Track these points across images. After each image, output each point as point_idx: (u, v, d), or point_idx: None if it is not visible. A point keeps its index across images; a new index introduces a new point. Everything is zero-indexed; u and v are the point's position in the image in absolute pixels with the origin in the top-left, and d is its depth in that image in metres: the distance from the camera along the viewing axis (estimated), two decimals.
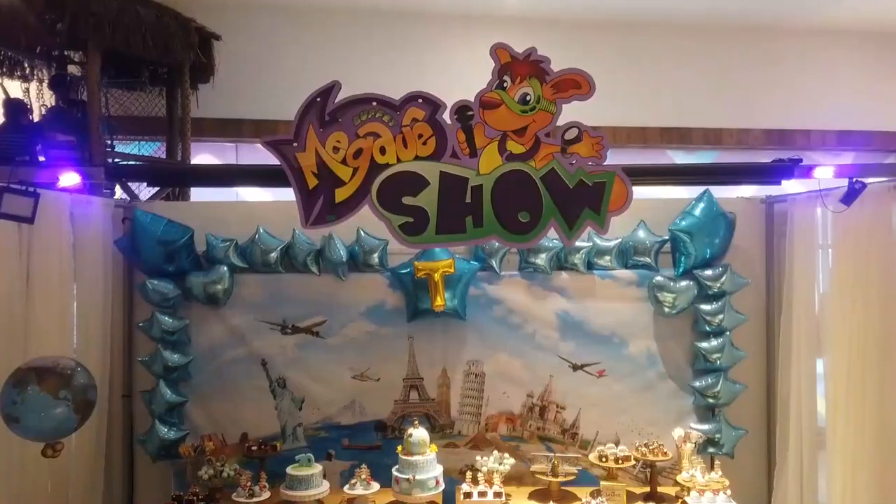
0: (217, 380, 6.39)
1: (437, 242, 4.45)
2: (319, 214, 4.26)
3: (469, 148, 4.26)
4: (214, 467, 5.51)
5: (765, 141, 10.59)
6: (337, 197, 4.26)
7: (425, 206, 4.24)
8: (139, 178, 6.20)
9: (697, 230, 6.13)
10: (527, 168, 4.26)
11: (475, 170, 4.28)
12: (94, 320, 5.92)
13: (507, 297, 6.39)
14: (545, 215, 4.29)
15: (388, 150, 4.25)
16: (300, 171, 4.26)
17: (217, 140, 9.76)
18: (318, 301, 6.38)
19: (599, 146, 4.31)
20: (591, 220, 4.39)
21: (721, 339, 6.18)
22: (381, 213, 4.32)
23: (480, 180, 4.26)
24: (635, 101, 9.83)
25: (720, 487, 5.28)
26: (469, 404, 6.45)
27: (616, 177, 4.34)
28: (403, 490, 5.48)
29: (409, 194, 4.26)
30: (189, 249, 6.25)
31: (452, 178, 4.29)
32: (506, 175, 4.28)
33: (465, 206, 4.21)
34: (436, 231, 4.25)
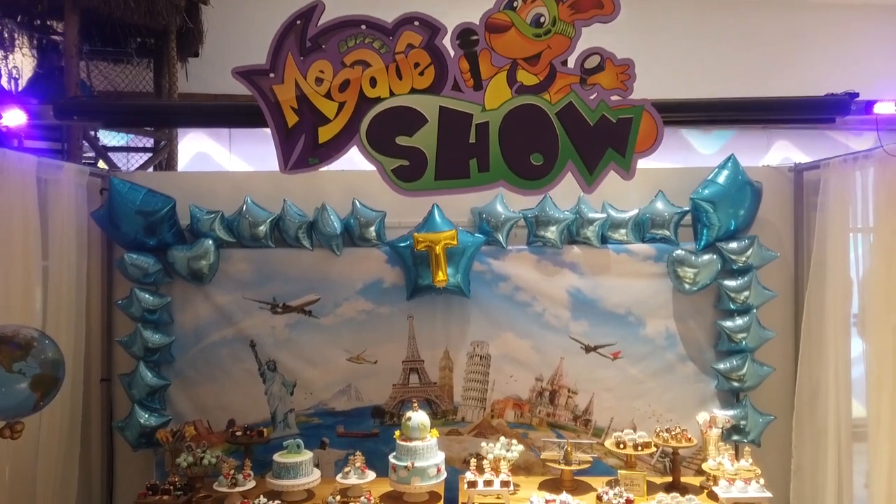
0: (202, 362, 5.94)
1: (436, 189, 3.93)
2: (300, 157, 3.75)
3: (473, 79, 3.69)
4: (194, 454, 5.05)
5: None
6: (320, 136, 3.73)
7: (423, 148, 3.71)
8: (92, 115, 5.59)
9: (721, 199, 5.64)
10: (540, 102, 3.70)
11: (480, 104, 3.72)
12: (66, 298, 5.46)
13: (515, 273, 5.93)
14: (561, 157, 3.77)
15: (380, 81, 3.69)
16: (277, 106, 3.75)
17: None
18: (310, 278, 5.93)
19: (625, 76, 3.79)
20: (614, 164, 3.88)
21: (747, 318, 5.70)
22: (371, 155, 3.80)
23: (486, 117, 3.71)
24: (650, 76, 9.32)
25: (752, 476, 4.79)
26: (473, 389, 5.98)
27: (644, 112, 3.82)
28: (401, 479, 5.01)
29: (403, 133, 3.71)
30: (171, 221, 5.79)
31: (454, 114, 3.75)
32: (516, 110, 3.72)
33: (468, 148, 3.68)
34: (434, 176, 3.74)
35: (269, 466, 5.26)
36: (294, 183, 6.05)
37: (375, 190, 5.91)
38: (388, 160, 3.79)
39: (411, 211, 5.82)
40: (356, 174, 6.52)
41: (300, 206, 5.90)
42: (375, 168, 3.81)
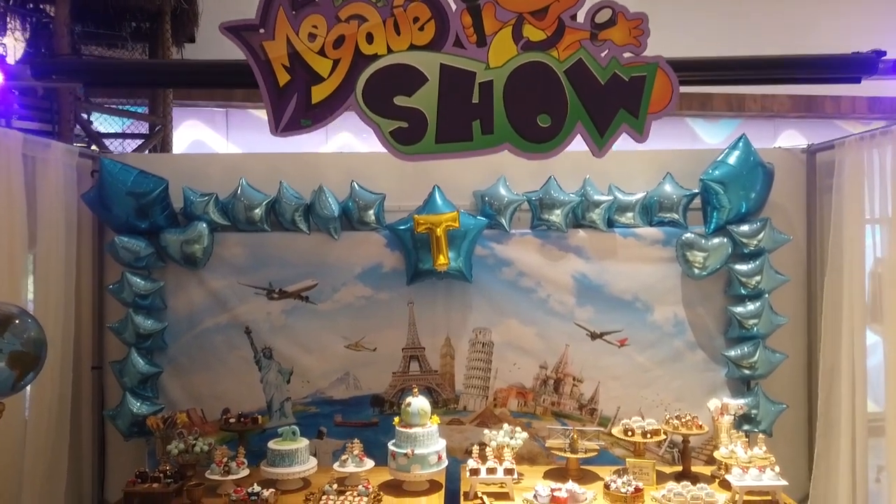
0: (196, 349, 5.76)
1: (437, 153, 3.72)
2: (292, 119, 3.55)
3: (476, 35, 3.46)
4: (186, 442, 4.85)
5: (791, 107, 9.97)
6: (313, 96, 3.53)
7: (423, 108, 3.50)
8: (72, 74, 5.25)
9: (732, 180, 5.46)
10: (548, 60, 3.49)
11: (484, 62, 3.50)
12: (55, 282, 5.28)
13: (518, 258, 5.74)
14: (570, 118, 3.57)
15: (377, 37, 3.45)
16: (268, 64, 3.54)
17: (205, 104, 9.20)
18: (307, 262, 5.75)
19: (638, 31, 3.57)
20: (626, 125, 3.67)
21: (758, 303, 5.51)
22: (367, 116, 3.60)
23: (490, 75, 3.50)
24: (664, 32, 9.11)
25: (766, 464, 4.60)
26: (476, 377, 5.80)
27: (658, 70, 3.62)
28: (400, 466, 4.82)
29: (402, 93, 3.50)
30: (164, 203, 5.61)
31: (456, 72, 3.53)
32: (522, 68, 3.50)
33: (471, 108, 3.47)
34: (435, 139, 3.54)
35: (264, 456, 5.08)
36: (291, 165, 5.92)
37: (375, 172, 5.82)
38: (386, 122, 3.59)
39: (411, 194, 5.66)
40: (355, 156, 6.39)
41: (297, 188, 5.73)
42: (372, 130, 3.61)
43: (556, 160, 5.75)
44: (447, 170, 5.77)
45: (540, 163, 5.75)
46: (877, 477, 5.24)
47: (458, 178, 5.77)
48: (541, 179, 5.67)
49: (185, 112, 9.05)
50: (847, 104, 9.93)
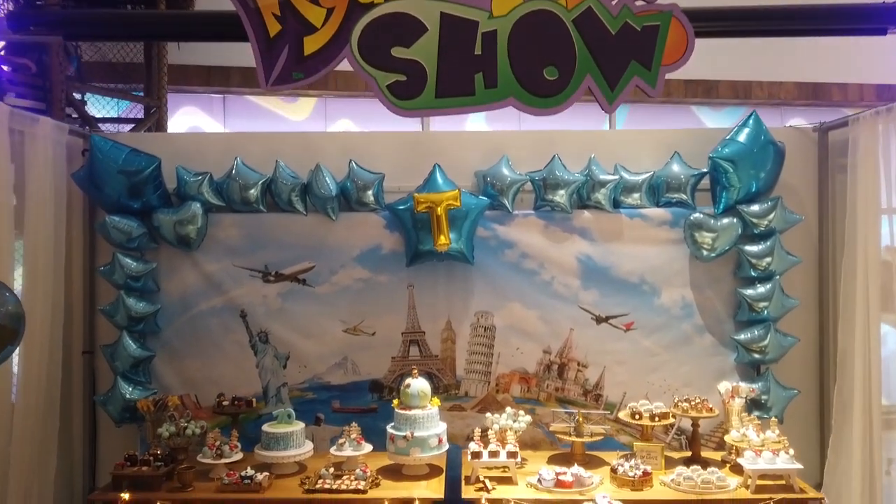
0: (189, 333, 5.61)
1: (437, 108, 3.55)
2: (283, 71, 3.39)
3: None
4: (177, 424, 4.68)
5: (797, 94, 9.77)
6: (305, 48, 3.36)
7: (422, 60, 3.33)
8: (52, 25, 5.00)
9: (742, 159, 5.29)
10: (555, 8, 3.31)
11: (487, 11, 3.33)
12: (44, 264, 5.12)
13: (521, 239, 5.58)
14: (579, 71, 3.39)
15: None
16: (258, 13, 3.36)
17: (202, 91, 9.02)
18: (304, 244, 5.59)
19: None
20: (638, 78, 3.50)
21: (769, 285, 5.34)
22: (363, 68, 3.43)
23: (494, 24, 3.32)
24: None
25: (780, 447, 4.43)
26: (477, 362, 5.64)
27: (672, 19, 3.45)
28: (399, 450, 4.65)
29: (400, 44, 3.33)
30: (156, 182, 5.45)
31: (457, 21, 3.35)
32: (527, 17, 3.32)
33: (473, 60, 3.31)
34: (435, 93, 3.37)
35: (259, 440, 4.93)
36: (287, 145, 5.77)
37: (373, 152, 5.66)
38: (383, 75, 3.42)
39: (411, 174, 5.50)
40: (353, 135, 6.24)
41: (294, 168, 5.57)
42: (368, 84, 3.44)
43: (560, 139, 5.69)
44: (447, 149, 5.65)
45: (543, 142, 5.66)
46: (887, 469, 5.08)
47: (459, 157, 5.62)
48: (544, 159, 5.51)
49: (181, 98, 8.87)
50: (854, 91, 9.74)
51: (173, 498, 4.35)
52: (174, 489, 4.47)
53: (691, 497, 4.32)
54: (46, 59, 6.10)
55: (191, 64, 8.47)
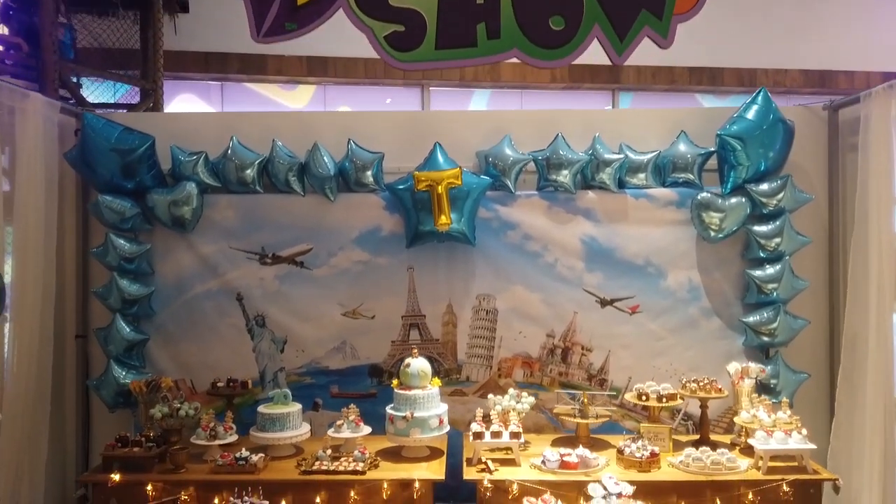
0: (185, 317, 5.48)
1: (437, 60, 3.40)
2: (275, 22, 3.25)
3: None
4: (170, 406, 4.54)
5: (803, 82, 9.64)
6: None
7: (421, 10, 3.17)
8: None
9: (751, 136, 5.16)
10: None
11: None
12: (34, 245, 4.99)
13: (524, 221, 5.45)
14: (586, 21, 3.25)
15: None
16: None
17: (200, 78, 8.91)
18: (302, 226, 5.47)
19: None
20: (649, 28, 3.36)
21: (779, 266, 5.21)
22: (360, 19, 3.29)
23: None
24: None
25: (792, 427, 4.29)
26: (479, 346, 5.50)
27: None
28: (399, 430, 4.51)
29: None
30: (150, 162, 5.32)
31: None
32: None
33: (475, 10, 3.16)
34: (435, 45, 3.23)
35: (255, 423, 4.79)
36: (284, 124, 5.67)
37: (372, 132, 5.54)
38: (380, 25, 3.28)
39: (411, 154, 5.37)
40: (351, 115, 6.11)
41: (291, 149, 5.44)
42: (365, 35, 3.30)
43: (563, 119, 5.56)
44: (448, 129, 5.52)
45: (546, 121, 5.53)
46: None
47: (460, 137, 5.49)
48: (547, 139, 5.38)
49: (178, 86, 8.77)
50: (861, 79, 9.60)
51: (165, 479, 4.21)
52: (166, 471, 4.34)
53: (700, 478, 4.18)
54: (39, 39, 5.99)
55: (188, 50, 8.36)
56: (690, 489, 4.16)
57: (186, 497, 4.07)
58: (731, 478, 4.16)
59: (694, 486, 4.16)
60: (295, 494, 4.17)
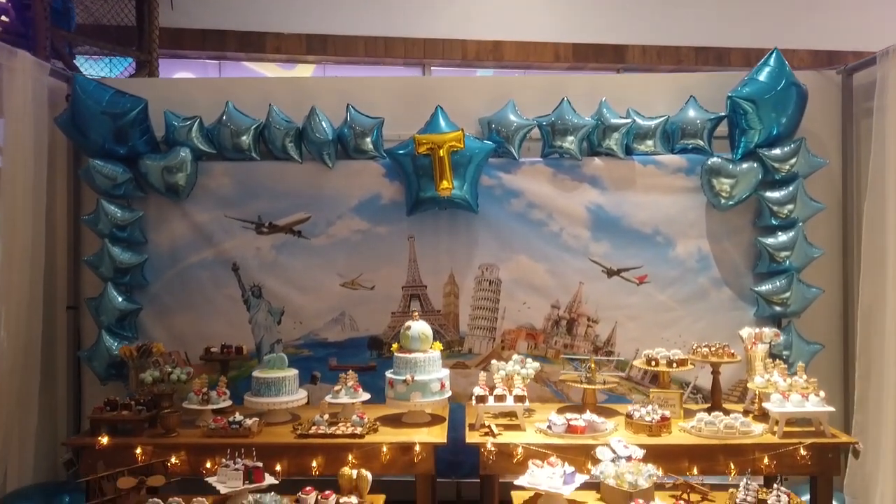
0: (179, 287, 5.33)
1: None
2: None
3: None
4: (162, 370, 4.38)
5: (812, 62, 9.46)
6: None
7: None
8: None
9: (763, 98, 4.99)
10: None
11: None
12: (23, 213, 4.84)
13: (528, 188, 5.28)
14: None
15: None
16: None
17: (196, 56, 8.75)
18: (299, 194, 5.31)
19: None
20: None
21: (792, 233, 5.05)
22: None
23: None
24: (668, 17, 8.76)
25: (809, 390, 4.11)
26: (482, 317, 5.34)
27: None
28: (399, 395, 4.34)
29: None
30: (143, 126, 5.17)
31: None
32: None
33: None
34: None
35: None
36: (281, 90, 5.54)
37: (372, 98, 5.39)
38: None
39: (411, 121, 5.21)
40: (350, 80, 5.94)
41: (288, 115, 5.27)
42: None
43: (569, 84, 5.41)
44: (450, 95, 5.37)
45: (552, 87, 5.38)
46: None
47: (462, 104, 5.33)
48: (552, 105, 5.22)
49: (174, 64, 8.62)
50: None
51: (155, 443, 4.04)
52: (157, 435, 4.17)
53: (713, 442, 4.01)
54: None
55: (185, 27, 8.21)
56: (703, 453, 3.98)
57: (177, 461, 3.90)
58: (746, 441, 3.99)
59: (706, 450, 3.99)
60: (290, 459, 4.00)
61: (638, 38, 8.84)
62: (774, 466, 3.82)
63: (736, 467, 3.81)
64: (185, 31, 8.26)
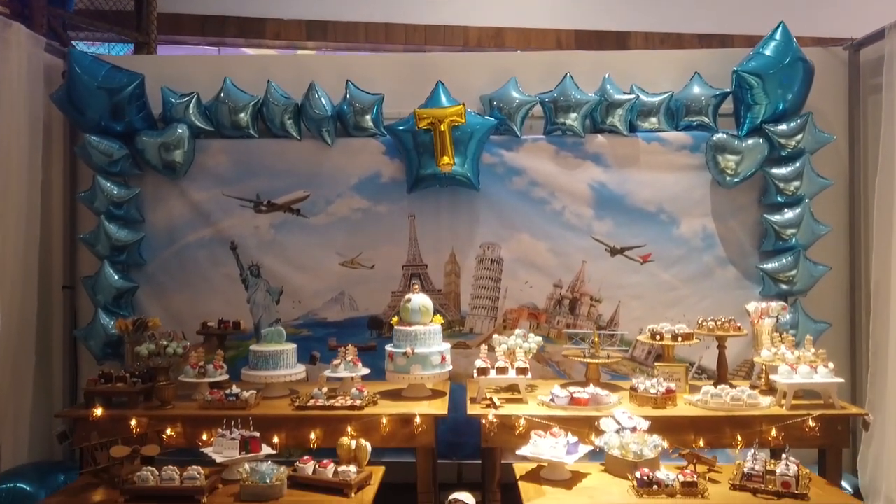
0: (176, 266, 5.26)
1: None
2: None
3: None
4: (157, 344, 4.29)
5: None
6: None
7: None
8: None
9: (769, 73, 4.91)
10: None
11: None
12: (16, 190, 4.78)
13: (530, 166, 5.21)
14: None
15: None
16: None
17: (196, 42, 8.68)
18: (298, 171, 5.23)
19: None
20: None
21: (798, 210, 4.97)
22: None
23: None
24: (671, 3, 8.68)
25: (818, 362, 4.02)
26: (483, 297, 5.27)
27: None
28: (399, 367, 4.26)
29: None
30: (140, 102, 5.11)
31: None
32: None
33: None
34: None
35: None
36: (280, 67, 5.47)
37: (371, 75, 5.32)
38: None
39: (412, 98, 5.12)
40: (349, 58, 5.87)
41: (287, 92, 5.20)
42: None
43: (572, 60, 5.33)
44: (450, 72, 5.29)
45: (554, 63, 5.30)
46: None
47: (463, 81, 5.25)
48: (554, 83, 5.15)
49: (173, 51, 8.52)
50: None
51: (150, 414, 3.96)
52: (152, 408, 4.09)
53: (720, 414, 3.92)
54: None
55: (183, 13, 8.14)
56: (708, 425, 3.90)
57: (173, 433, 3.82)
58: (753, 413, 3.90)
59: (712, 422, 3.90)
60: (289, 431, 3.92)
61: (640, 24, 8.75)
62: (782, 439, 3.73)
63: (743, 440, 3.71)
64: (185, 17, 8.18)
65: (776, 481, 3.30)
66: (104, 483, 3.50)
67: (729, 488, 3.42)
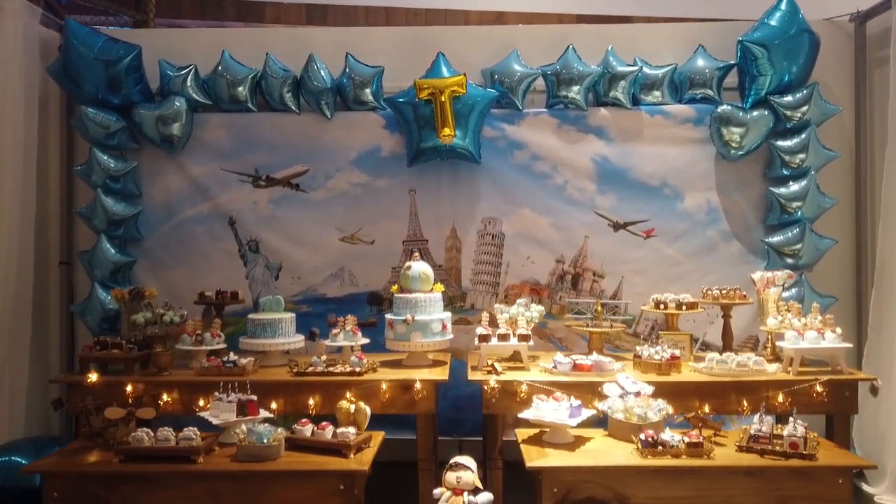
0: (174, 241, 5.22)
1: None
2: None
3: None
4: (154, 312, 4.23)
5: None
6: None
7: None
8: None
9: (775, 43, 4.86)
10: None
11: None
12: (12, 164, 4.73)
13: (532, 140, 5.15)
14: None
15: None
16: None
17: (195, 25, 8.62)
18: (297, 146, 5.18)
19: None
20: None
21: (804, 182, 4.91)
22: None
23: None
24: None
25: (826, 328, 3.95)
26: (484, 272, 5.21)
27: None
28: (399, 335, 4.19)
29: None
30: (137, 75, 5.05)
31: None
32: None
33: None
34: None
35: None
36: (278, 40, 5.42)
37: (371, 48, 5.26)
38: None
39: (411, 72, 5.05)
40: (349, 31, 5.80)
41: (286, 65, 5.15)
42: None
43: (574, 33, 5.27)
44: (451, 45, 5.22)
45: (556, 37, 5.24)
46: None
47: (464, 55, 5.20)
48: (556, 55, 5.09)
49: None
50: None
51: (146, 380, 3.89)
52: (149, 375, 4.02)
53: (726, 379, 3.86)
54: None
55: None
56: (714, 390, 3.83)
57: (169, 399, 3.76)
58: (759, 378, 3.83)
59: (718, 388, 3.84)
60: (287, 397, 3.87)
61: (643, 9, 8.67)
62: (789, 404, 3.66)
63: (749, 405, 3.65)
64: (183, 3, 8.14)
65: (784, 442, 3.23)
66: (99, 446, 3.44)
67: (735, 450, 3.36)
